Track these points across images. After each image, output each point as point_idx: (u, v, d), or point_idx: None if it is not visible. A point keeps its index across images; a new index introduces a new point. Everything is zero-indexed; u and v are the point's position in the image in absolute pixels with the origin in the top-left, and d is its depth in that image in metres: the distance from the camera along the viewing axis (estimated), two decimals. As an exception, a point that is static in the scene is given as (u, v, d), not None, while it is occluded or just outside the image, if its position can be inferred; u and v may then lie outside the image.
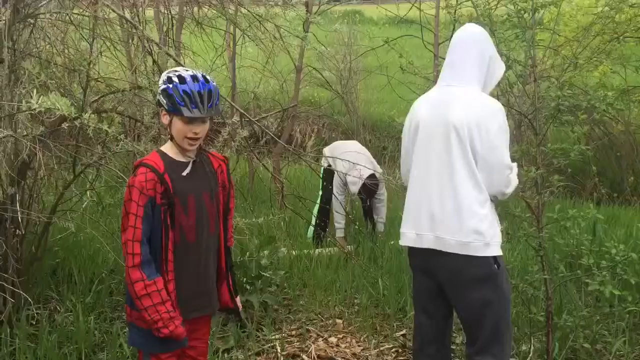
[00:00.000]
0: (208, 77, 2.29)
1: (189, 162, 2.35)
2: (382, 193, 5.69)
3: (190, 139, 2.27)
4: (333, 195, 5.52)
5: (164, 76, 2.29)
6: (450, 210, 2.60)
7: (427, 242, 2.68)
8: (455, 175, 2.59)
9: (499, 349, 2.67)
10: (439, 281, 2.72)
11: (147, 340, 2.30)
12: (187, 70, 2.28)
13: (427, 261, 2.73)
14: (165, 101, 2.24)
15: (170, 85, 2.22)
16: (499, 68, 2.79)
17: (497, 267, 2.62)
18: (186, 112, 2.21)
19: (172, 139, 2.32)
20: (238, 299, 2.62)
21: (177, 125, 2.26)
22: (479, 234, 2.57)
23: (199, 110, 2.22)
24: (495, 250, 2.62)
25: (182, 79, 2.22)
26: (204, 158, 2.42)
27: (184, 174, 2.32)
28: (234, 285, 2.56)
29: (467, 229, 2.57)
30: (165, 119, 2.30)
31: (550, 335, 3.31)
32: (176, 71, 2.28)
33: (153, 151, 2.41)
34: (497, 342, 2.66)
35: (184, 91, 2.20)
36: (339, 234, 5.57)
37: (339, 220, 5.58)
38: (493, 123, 2.58)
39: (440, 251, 2.63)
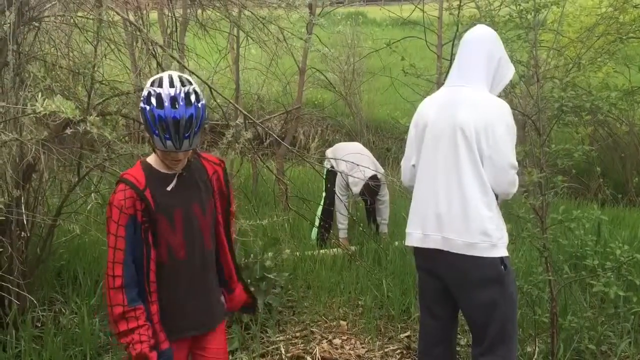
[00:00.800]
0: (193, 94, 2.02)
1: (172, 175, 2.17)
2: (385, 194, 5.70)
3: (172, 160, 2.12)
4: (335, 197, 5.53)
5: (146, 89, 2.04)
6: (457, 211, 2.60)
7: (433, 243, 2.68)
8: (462, 176, 2.59)
9: (505, 350, 2.67)
10: (445, 282, 2.72)
11: None
12: (171, 85, 2.01)
13: (433, 262, 2.73)
14: (142, 121, 2.05)
15: (147, 108, 1.99)
16: (509, 70, 2.77)
17: (504, 268, 2.62)
18: (158, 144, 2.02)
19: (155, 151, 2.16)
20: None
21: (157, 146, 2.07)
22: (486, 235, 2.57)
23: (172, 143, 2.00)
24: (502, 251, 2.62)
25: (159, 102, 1.98)
26: (195, 166, 2.24)
27: (169, 189, 2.15)
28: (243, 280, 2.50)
29: (473, 230, 2.57)
30: (147, 134, 2.10)
31: (555, 337, 3.30)
32: (159, 85, 2.01)
33: (137, 162, 2.22)
34: (503, 343, 2.65)
35: (159, 118, 1.97)
36: (342, 234, 5.58)
37: (341, 221, 5.59)
38: (500, 124, 2.58)
39: (447, 252, 2.63)
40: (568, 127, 3.22)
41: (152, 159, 2.18)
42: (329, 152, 5.88)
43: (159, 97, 1.99)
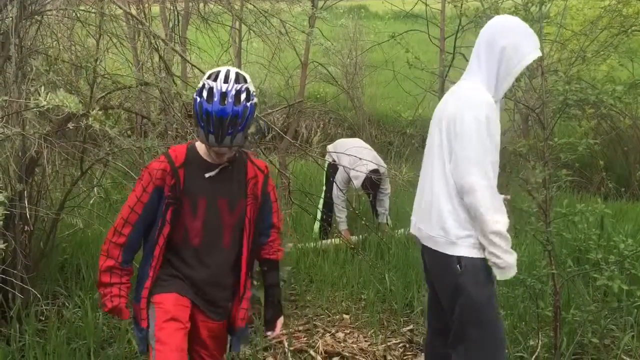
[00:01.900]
0: (244, 92, 2.04)
1: (216, 165, 2.19)
2: (387, 188, 5.73)
3: (215, 153, 2.15)
4: (334, 189, 5.54)
5: (202, 81, 2.07)
6: (427, 203, 2.63)
7: (413, 230, 2.77)
8: (434, 169, 2.60)
9: (461, 350, 2.62)
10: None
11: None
12: (225, 80, 2.04)
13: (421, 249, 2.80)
14: (193, 111, 2.08)
15: (198, 100, 2.03)
16: (520, 60, 2.52)
17: (459, 268, 2.50)
18: (201, 137, 2.07)
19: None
20: (279, 322, 2.50)
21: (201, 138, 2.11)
22: (444, 230, 2.53)
23: (215, 138, 2.03)
24: (461, 251, 2.50)
25: (210, 96, 2.01)
26: (238, 163, 2.25)
27: (207, 175, 2.18)
28: (276, 304, 2.47)
29: (434, 223, 2.57)
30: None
31: (558, 330, 3.30)
32: (214, 79, 2.04)
33: (189, 141, 2.30)
34: (460, 342, 2.62)
35: (206, 111, 2.01)
36: (342, 227, 5.59)
37: (339, 215, 5.61)
38: (469, 115, 2.43)
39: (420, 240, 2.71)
40: (572, 120, 3.20)
41: (199, 144, 2.21)
42: (331, 148, 5.91)
43: (210, 90, 2.02)
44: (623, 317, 3.76)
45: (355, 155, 5.24)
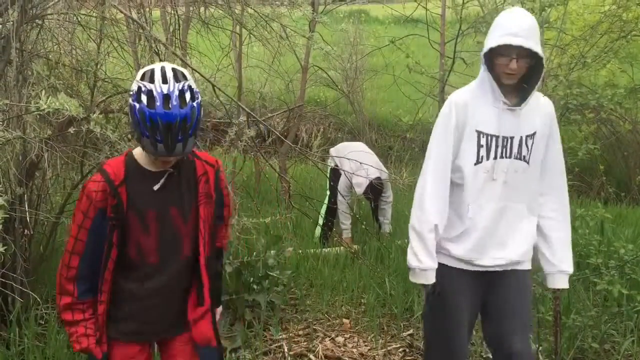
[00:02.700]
0: (187, 92, 1.83)
1: (161, 172, 1.98)
2: (389, 195, 5.69)
3: (162, 162, 1.95)
4: (338, 196, 5.52)
5: (135, 83, 1.84)
6: None
7: None
8: None
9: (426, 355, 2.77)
10: None
11: None
12: (163, 81, 1.82)
13: None
14: (130, 119, 1.85)
15: (137, 106, 1.80)
16: (481, 53, 2.48)
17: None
18: (148, 147, 1.84)
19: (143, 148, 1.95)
20: (217, 311, 2.32)
21: (144, 144, 1.88)
22: None
23: (165, 147, 1.81)
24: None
25: (151, 100, 1.78)
26: (185, 164, 2.04)
27: (155, 188, 1.97)
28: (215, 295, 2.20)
29: None
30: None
31: (559, 335, 3.29)
32: (151, 80, 1.82)
33: (124, 153, 2.04)
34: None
35: (150, 119, 1.78)
36: (345, 234, 5.57)
37: (344, 221, 5.58)
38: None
39: None
40: (572, 125, 3.20)
41: (138, 153, 1.99)
42: (333, 151, 5.88)
43: (150, 94, 1.79)
44: (623, 322, 3.75)
45: (357, 160, 5.22)
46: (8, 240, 3.13)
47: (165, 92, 1.79)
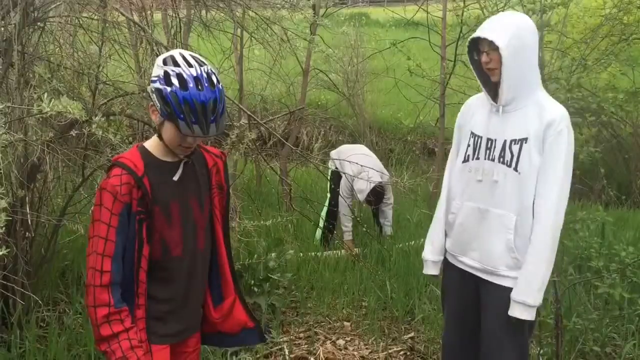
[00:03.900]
0: (213, 74, 1.85)
1: (177, 163, 1.97)
2: (389, 197, 5.70)
3: (183, 147, 1.92)
4: (339, 199, 5.52)
5: (159, 69, 1.83)
6: None
7: None
8: None
9: None
10: None
11: None
12: (187, 64, 1.83)
13: None
14: (159, 104, 1.82)
15: (168, 89, 1.79)
16: None
17: None
18: (184, 129, 1.81)
19: (160, 137, 1.92)
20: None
21: (170, 132, 1.86)
22: None
23: (200, 128, 1.81)
24: None
25: (183, 83, 1.79)
26: (196, 156, 2.03)
27: (175, 178, 1.95)
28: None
29: None
30: (155, 118, 1.88)
31: (560, 338, 3.29)
32: (176, 65, 1.82)
33: (133, 147, 1.98)
34: None
35: (185, 100, 1.78)
36: (347, 237, 5.58)
37: (345, 224, 5.58)
38: None
39: None
40: (573, 128, 3.20)
41: (150, 145, 1.96)
42: (334, 154, 5.87)
43: (180, 77, 1.80)
44: (624, 325, 3.75)
45: (358, 163, 5.23)
46: (9, 242, 3.13)
47: (194, 74, 1.81)
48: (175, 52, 1.87)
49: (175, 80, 1.79)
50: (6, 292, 3.21)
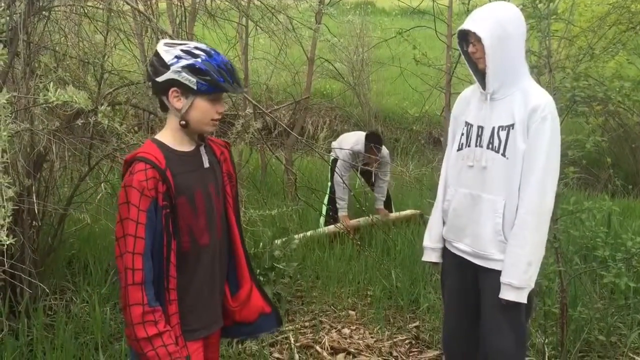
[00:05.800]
0: None
1: (195, 150, 1.97)
2: (386, 173, 5.89)
3: (214, 120, 1.93)
4: (335, 174, 5.56)
5: (170, 51, 1.85)
6: None
7: None
8: None
9: None
10: None
11: None
12: (180, 43, 1.90)
13: None
14: (194, 79, 1.82)
15: (199, 60, 1.83)
16: None
17: None
18: (229, 88, 1.88)
19: (184, 125, 1.90)
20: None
21: (202, 107, 1.87)
22: None
23: (238, 85, 1.92)
24: None
25: (204, 53, 1.85)
26: (205, 145, 2.04)
27: (206, 165, 1.98)
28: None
29: None
30: (181, 103, 1.87)
31: (565, 328, 3.30)
32: (184, 43, 1.89)
33: (147, 141, 1.96)
34: None
35: (218, 65, 1.85)
36: (341, 212, 5.61)
37: (340, 201, 5.63)
38: None
39: None
40: (579, 117, 3.18)
41: (164, 137, 1.94)
42: (336, 143, 5.97)
43: (196, 50, 1.86)
44: (630, 314, 3.75)
45: (360, 150, 5.38)
46: (17, 231, 3.15)
47: (198, 46, 1.89)
48: (160, 43, 1.92)
49: (198, 52, 1.85)
50: (14, 281, 3.23)
